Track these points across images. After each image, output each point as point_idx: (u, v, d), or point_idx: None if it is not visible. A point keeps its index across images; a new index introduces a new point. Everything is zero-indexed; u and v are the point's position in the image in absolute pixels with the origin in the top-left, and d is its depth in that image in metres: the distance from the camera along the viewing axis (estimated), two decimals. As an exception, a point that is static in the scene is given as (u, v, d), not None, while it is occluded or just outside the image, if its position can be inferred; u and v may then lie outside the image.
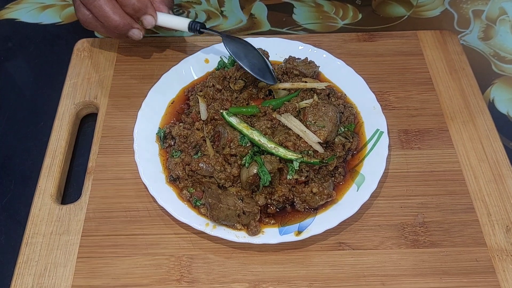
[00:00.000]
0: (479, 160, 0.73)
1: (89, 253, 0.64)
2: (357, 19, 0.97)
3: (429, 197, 0.69)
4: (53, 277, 0.62)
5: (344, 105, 0.75)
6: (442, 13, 0.99)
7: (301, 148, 0.67)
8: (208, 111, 0.72)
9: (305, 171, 0.66)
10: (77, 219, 0.67)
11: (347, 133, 0.72)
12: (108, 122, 0.77)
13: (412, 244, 0.65)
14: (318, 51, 0.82)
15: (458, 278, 0.62)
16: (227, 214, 0.63)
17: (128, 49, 0.87)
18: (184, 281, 0.62)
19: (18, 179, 0.75)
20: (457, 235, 0.66)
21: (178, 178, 0.68)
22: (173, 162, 0.69)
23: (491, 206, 0.68)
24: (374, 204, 0.69)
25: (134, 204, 0.69)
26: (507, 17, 0.99)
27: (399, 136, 0.76)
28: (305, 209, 0.66)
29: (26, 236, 0.66)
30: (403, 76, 0.83)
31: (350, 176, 0.70)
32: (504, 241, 0.65)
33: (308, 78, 0.77)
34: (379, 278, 0.62)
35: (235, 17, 0.98)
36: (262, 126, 0.69)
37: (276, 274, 0.62)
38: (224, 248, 0.65)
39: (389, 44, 0.88)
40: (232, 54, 0.72)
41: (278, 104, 0.72)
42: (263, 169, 0.64)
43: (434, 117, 0.78)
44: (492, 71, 0.89)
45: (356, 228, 0.66)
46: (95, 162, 0.73)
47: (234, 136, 0.67)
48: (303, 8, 0.99)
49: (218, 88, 0.75)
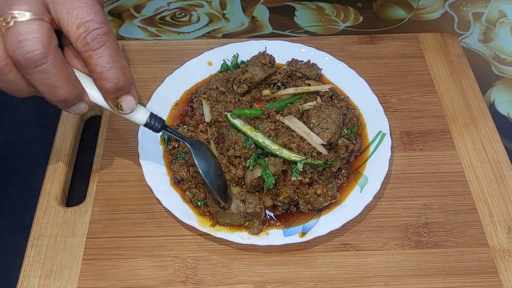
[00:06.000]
0: (480, 161, 0.74)
1: (95, 255, 0.65)
2: (358, 21, 0.98)
3: (432, 198, 0.70)
4: (59, 279, 0.63)
5: (347, 107, 0.76)
6: (442, 16, 1.00)
7: (305, 150, 0.67)
8: (211, 113, 0.73)
9: (309, 172, 0.67)
10: (82, 221, 0.67)
11: (350, 135, 0.72)
12: (112, 124, 0.77)
13: (415, 244, 0.65)
14: (321, 54, 0.82)
15: (461, 278, 0.63)
16: (232, 219, 0.64)
17: (131, 52, 0.87)
18: (189, 283, 0.62)
19: (23, 182, 0.75)
20: (460, 235, 0.66)
21: (182, 180, 0.69)
22: (177, 164, 0.70)
23: (493, 207, 0.69)
24: (378, 205, 0.69)
25: (139, 206, 0.69)
26: (506, 19, 0.99)
27: (401, 137, 0.76)
28: (309, 210, 0.67)
29: (32, 238, 0.66)
30: (405, 78, 0.84)
31: (353, 178, 0.70)
32: (506, 242, 0.66)
33: (311, 81, 0.77)
34: (383, 278, 0.63)
35: (237, 19, 0.98)
36: (266, 128, 0.69)
37: (281, 275, 0.63)
38: (229, 249, 0.65)
39: (391, 47, 0.88)
40: (197, 165, 0.62)
41: (281, 106, 0.73)
42: (267, 172, 0.64)
43: (436, 119, 0.79)
44: (492, 73, 0.90)
45: (360, 229, 0.67)
46: (100, 164, 0.73)
47: (238, 138, 0.68)
48: (304, 10, 1.00)
49: (221, 91, 0.76)
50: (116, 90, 0.52)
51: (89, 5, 0.48)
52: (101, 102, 0.54)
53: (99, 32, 0.48)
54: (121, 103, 0.54)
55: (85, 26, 0.47)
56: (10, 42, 0.46)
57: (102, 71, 0.49)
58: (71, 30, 0.47)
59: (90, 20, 0.47)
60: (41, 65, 0.47)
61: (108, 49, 0.49)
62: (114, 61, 0.49)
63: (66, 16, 0.47)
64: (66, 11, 0.47)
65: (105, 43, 0.49)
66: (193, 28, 0.97)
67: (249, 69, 0.75)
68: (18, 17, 0.46)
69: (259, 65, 0.76)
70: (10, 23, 0.46)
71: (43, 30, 0.47)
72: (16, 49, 0.46)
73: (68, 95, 0.51)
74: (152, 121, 0.59)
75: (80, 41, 0.48)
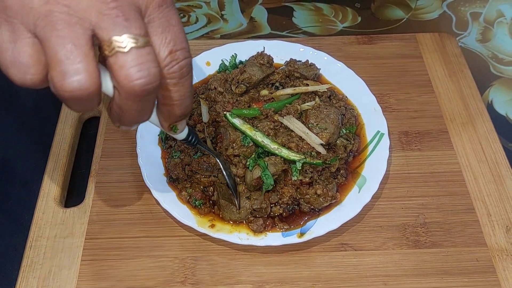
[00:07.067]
0: (478, 161, 0.74)
1: (93, 255, 0.65)
2: (356, 22, 0.98)
3: (430, 198, 0.70)
4: (58, 280, 0.63)
5: (345, 107, 0.76)
6: (440, 16, 1.00)
7: (304, 150, 0.67)
8: (209, 114, 0.73)
9: (309, 172, 0.67)
10: (81, 222, 0.68)
11: (349, 135, 0.72)
12: (110, 125, 0.77)
13: (413, 244, 0.66)
14: (319, 54, 0.82)
15: (459, 277, 0.63)
16: (239, 216, 0.65)
17: (129, 53, 0.87)
18: (188, 283, 0.62)
19: (21, 183, 0.75)
20: (458, 235, 0.67)
21: (177, 179, 0.69)
22: (172, 162, 0.70)
23: (491, 207, 0.69)
24: (376, 205, 0.69)
25: (138, 206, 0.69)
26: (504, 19, 1.00)
27: (399, 137, 0.77)
28: (310, 209, 0.67)
29: (30, 239, 0.66)
30: (403, 78, 0.84)
31: (351, 178, 0.70)
32: (504, 241, 0.66)
33: (309, 81, 0.77)
34: (381, 278, 0.63)
35: (235, 20, 0.98)
36: (265, 127, 0.69)
37: (280, 275, 0.63)
38: (228, 249, 0.65)
39: (389, 47, 0.88)
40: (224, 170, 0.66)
41: (280, 106, 0.73)
42: (267, 173, 0.65)
43: (434, 119, 0.79)
44: (490, 73, 0.90)
45: (358, 229, 0.67)
46: (98, 165, 0.73)
47: (236, 137, 0.68)
48: (302, 11, 1.00)
49: (219, 91, 0.76)
50: (182, 116, 0.51)
51: (181, 31, 0.46)
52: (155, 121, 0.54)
53: (187, 62, 0.46)
54: (177, 126, 0.54)
55: (177, 54, 0.45)
56: (127, 67, 0.41)
57: (179, 99, 0.48)
58: (161, 54, 0.44)
59: (181, 49, 0.45)
60: (152, 94, 0.44)
61: (190, 79, 0.48)
62: (192, 90, 0.49)
63: (159, 38, 0.44)
64: (161, 31, 0.44)
65: (189, 73, 0.47)
66: (192, 29, 0.97)
67: (247, 69, 0.76)
68: (135, 43, 0.41)
69: (257, 65, 0.77)
70: (125, 46, 0.41)
71: (155, 56, 0.43)
72: (135, 79, 0.42)
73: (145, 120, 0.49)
74: (190, 137, 0.60)
75: (168, 68, 0.45)
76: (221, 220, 0.66)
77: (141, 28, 0.42)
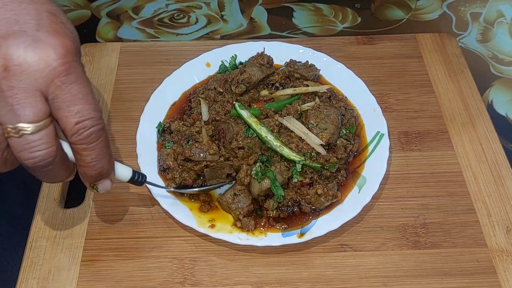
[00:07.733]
0: (478, 161, 0.74)
1: (93, 256, 0.65)
2: (356, 22, 0.98)
3: (430, 199, 0.70)
4: (57, 281, 0.63)
5: (345, 108, 0.76)
6: (440, 16, 1.00)
7: (304, 150, 0.67)
8: (209, 113, 0.73)
9: (309, 172, 0.67)
10: (80, 222, 0.68)
11: (349, 135, 0.72)
12: (110, 126, 0.78)
13: (413, 245, 0.65)
14: (319, 55, 0.82)
15: (459, 278, 0.63)
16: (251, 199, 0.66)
17: (130, 54, 0.87)
18: (187, 284, 0.62)
19: (21, 184, 0.75)
20: (458, 236, 0.66)
21: (168, 168, 0.69)
22: (164, 152, 0.70)
23: (491, 207, 0.69)
24: (376, 206, 0.69)
25: (137, 207, 0.69)
26: (504, 19, 0.99)
27: (399, 138, 0.77)
28: (311, 210, 0.67)
29: (30, 240, 0.66)
30: (403, 78, 0.84)
31: (351, 178, 0.70)
32: (505, 242, 0.66)
33: (309, 81, 0.77)
34: (381, 279, 0.63)
35: (235, 21, 0.98)
36: (270, 123, 0.69)
37: (279, 276, 0.63)
38: (227, 250, 0.65)
39: (388, 47, 0.88)
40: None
41: (280, 106, 0.73)
42: (276, 184, 0.64)
43: (434, 119, 0.79)
44: (490, 73, 0.90)
45: (358, 229, 0.67)
46: (98, 166, 0.73)
47: (239, 129, 0.68)
48: (302, 12, 1.00)
49: (219, 91, 0.76)
50: (97, 176, 0.54)
51: (89, 102, 0.48)
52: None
53: (96, 128, 0.49)
54: (97, 185, 0.55)
55: (84, 124, 0.48)
56: (19, 150, 0.47)
57: (90, 162, 0.51)
58: (68, 125, 0.47)
59: (89, 118, 0.48)
60: (48, 167, 0.48)
61: (101, 143, 0.50)
62: (104, 152, 0.51)
63: (65, 112, 0.47)
64: (66, 105, 0.47)
65: (99, 138, 0.50)
66: (192, 29, 0.97)
67: (247, 69, 0.76)
68: (25, 130, 0.46)
69: (257, 65, 0.77)
70: (17, 133, 0.46)
71: (50, 137, 0.47)
72: (25, 159, 0.47)
73: (65, 179, 0.53)
74: (136, 177, 0.61)
75: (76, 136, 0.48)
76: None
77: (36, 115, 0.45)
